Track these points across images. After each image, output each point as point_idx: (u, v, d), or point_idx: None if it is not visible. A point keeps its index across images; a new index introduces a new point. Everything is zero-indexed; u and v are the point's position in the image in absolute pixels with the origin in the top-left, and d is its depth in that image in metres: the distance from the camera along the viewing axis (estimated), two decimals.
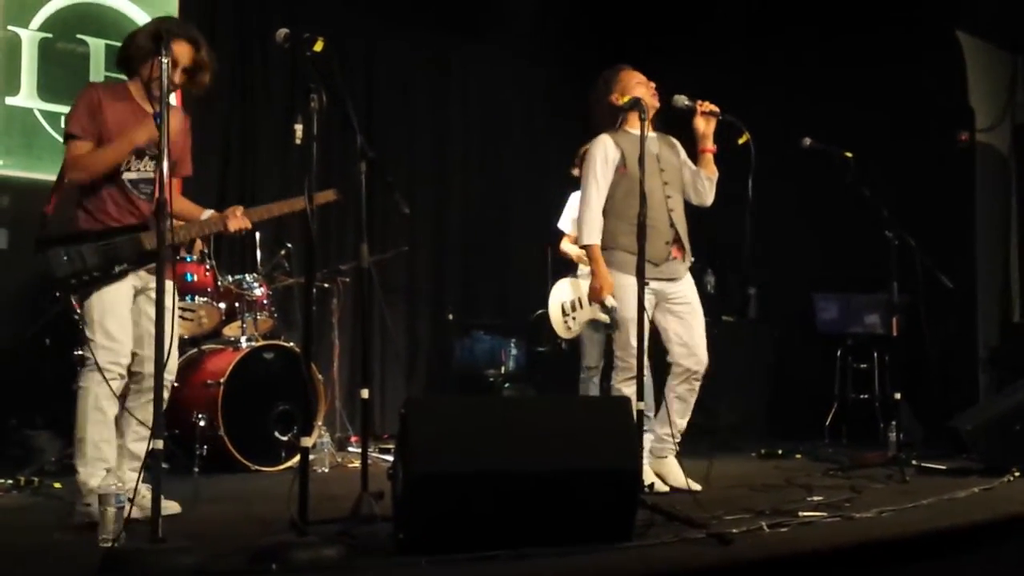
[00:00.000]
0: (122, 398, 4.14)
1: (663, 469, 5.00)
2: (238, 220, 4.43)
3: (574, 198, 6.46)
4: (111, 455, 4.05)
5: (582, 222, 4.99)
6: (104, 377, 3.99)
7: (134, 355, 4.14)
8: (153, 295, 4.12)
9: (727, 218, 5.20)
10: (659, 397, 5.12)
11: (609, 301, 4.87)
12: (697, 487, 4.79)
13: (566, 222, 6.44)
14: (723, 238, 6.07)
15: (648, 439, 4.97)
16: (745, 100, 5.83)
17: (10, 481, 4.77)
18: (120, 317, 4.10)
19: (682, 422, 5.01)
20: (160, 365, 3.35)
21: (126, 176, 4.20)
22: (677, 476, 4.95)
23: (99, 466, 3.99)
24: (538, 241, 7.41)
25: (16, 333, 5.75)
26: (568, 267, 6.37)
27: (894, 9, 7.53)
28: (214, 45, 7.05)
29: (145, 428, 4.05)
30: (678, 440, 5.00)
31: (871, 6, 7.58)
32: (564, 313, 6.25)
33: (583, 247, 5.04)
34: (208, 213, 4.42)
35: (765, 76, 7.99)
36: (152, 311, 3.88)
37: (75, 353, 4.22)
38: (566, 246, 6.39)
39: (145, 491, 3.68)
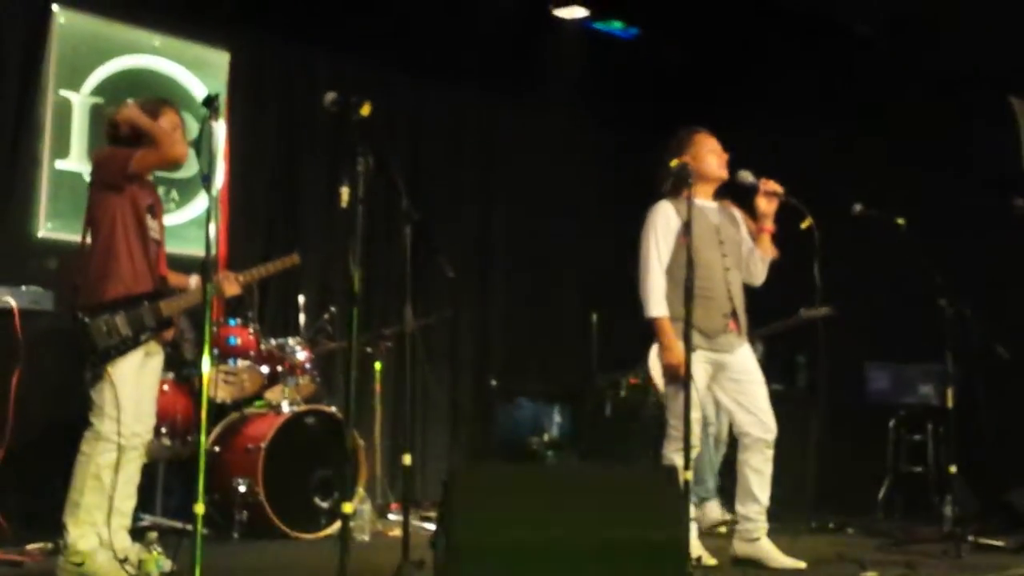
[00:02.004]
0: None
1: (759, 552, 4.78)
2: (232, 286, 4.65)
3: None
4: (101, 520, 4.21)
5: (645, 292, 4.84)
6: (110, 446, 4.18)
7: None
8: (154, 363, 4.37)
9: (776, 284, 5.13)
10: (734, 476, 4.96)
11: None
12: (802, 564, 4.65)
13: None
14: (774, 304, 5.98)
15: (704, 509, 4.84)
16: (792, 162, 5.81)
17: (50, 545, 4.74)
18: (130, 388, 4.28)
19: (764, 496, 4.83)
20: (205, 428, 3.35)
21: (152, 235, 4.36)
22: (776, 557, 4.74)
23: (89, 530, 4.18)
24: (583, 306, 7.35)
25: (61, 395, 5.75)
26: None
27: (946, 74, 7.47)
28: (262, 108, 7.24)
29: (131, 486, 4.34)
30: (763, 518, 4.82)
31: (924, 72, 7.53)
32: None
33: (649, 319, 4.84)
34: (195, 279, 4.54)
35: (814, 140, 7.93)
36: (152, 379, 4.40)
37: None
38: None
39: (133, 551, 4.10)
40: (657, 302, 4.81)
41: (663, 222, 4.89)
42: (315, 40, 7.37)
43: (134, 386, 4.31)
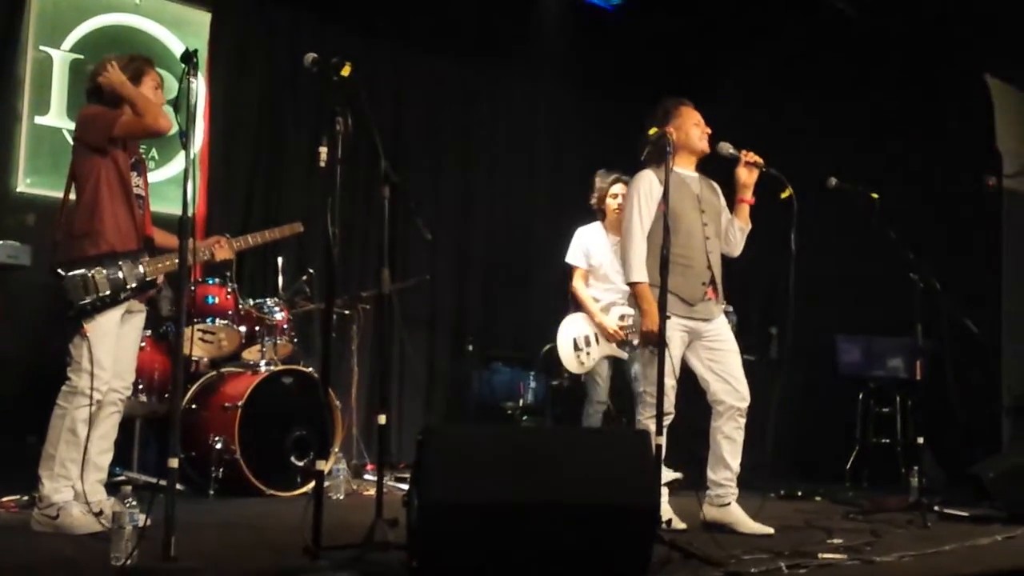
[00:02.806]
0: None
1: (728, 517, 4.82)
2: (224, 250, 4.73)
3: (582, 233, 6.50)
4: (75, 474, 4.26)
5: (627, 259, 4.91)
6: (85, 401, 4.20)
7: None
8: (135, 320, 4.41)
9: (752, 257, 5.18)
10: (706, 442, 5.00)
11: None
12: (770, 530, 4.70)
13: (577, 256, 6.46)
14: (746, 277, 6.04)
15: (667, 474, 4.91)
16: (770, 137, 5.85)
17: (25, 498, 4.76)
18: (108, 344, 4.30)
19: (735, 463, 4.89)
20: (178, 387, 3.37)
21: (136, 191, 4.39)
22: (745, 522, 4.79)
23: (63, 483, 4.22)
24: (560, 273, 7.38)
25: (38, 350, 5.77)
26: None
27: (923, 52, 7.51)
28: (244, 70, 7.22)
29: (107, 441, 4.39)
30: (734, 484, 4.88)
31: (900, 49, 7.56)
32: (576, 348, 6.25)
33: (629, 284, 4.93)
34: None
35: (791, 115, 7.98)
36: (133, 336, 4.44)
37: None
38: (578, 285, 6.41)
39: (108, 505, 4.14)
40: (638, 268, 4.87)
41: (645, 190, 4.93)
42: (297, 2, 7.34)
43: (112, 342, 4.33)
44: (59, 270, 4.23)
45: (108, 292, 4.26)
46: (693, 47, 8.28)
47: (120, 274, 4.30)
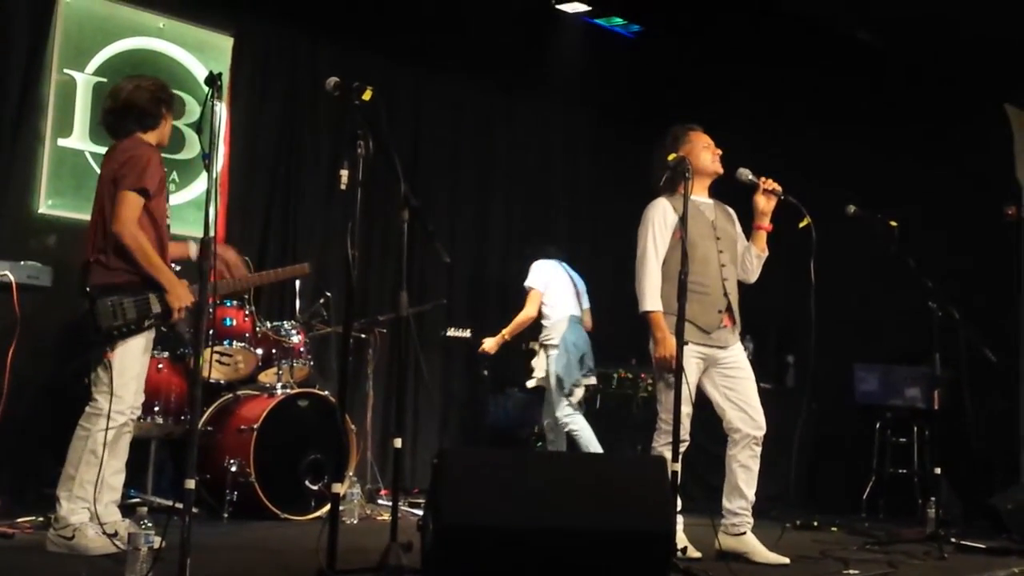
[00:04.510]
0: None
1: (744, 547, 4.80)
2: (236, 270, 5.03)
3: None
4: (92, 495, 4.26)
5: (642, 287, 4.89)
6: (107, 424, 4.22)
7: None
8: (149, 342, 4.46)
9: (767, 284, 5.17)
10: (720, 472, 4.99)
11: None
12: (785, 560, 4.69)
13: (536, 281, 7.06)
14: (763, 304, 6.03)
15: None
16: (788, 163, 5.85)
17: (41, 518, 4.77)
18: (134, 370, 4.35)
19: (750, 492, 4.87)
20: (196, 409, 3.39)
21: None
22: (761, 552, 4.78)
23: (81, 504, 4.24)
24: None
25: (57, 371, 5.79)
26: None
27: (942, 81, 7.51)
28: (266, 94, 7.27)
29: (120, 462, 4.39)
30: (749, 514, 4.86)
31: (920, 77, 7.57)
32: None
33: (643, 313, 4.89)
34: (193, 247, 4.70)
35: (811, 142, 7.97)
36: (146, 358, 4.46)
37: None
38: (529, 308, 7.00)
39: (122, 526, 4.18)
40: (651, 297, 4.85)
41: (660, 217, 4.93)
42: (318, 27, 7.39)
43: (137, 368, 4.37)
44: (91, 292, 4.27)
45: (134, 318, 4.31)
46: (711, 74, 8.30)
47: (147, 302, 4.34)
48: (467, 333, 7.46)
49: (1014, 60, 7.05)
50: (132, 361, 4.33)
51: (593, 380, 6.98)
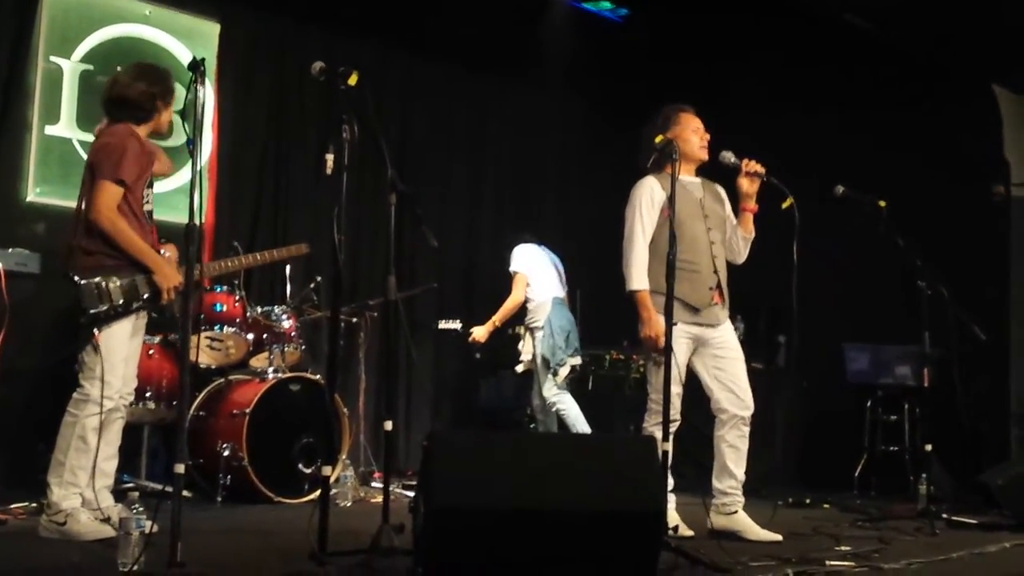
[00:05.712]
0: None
1: (736, 525, 4.82)
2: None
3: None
4: (84, 481, 4.28)
5: (629, 266, 4.89)
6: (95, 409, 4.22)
7: None
8: (140, 327, 4.51)
9: (757, 265, 5.18)
10: (711, 451, 5.00)
11: None
12: (778, 537, 4.70)
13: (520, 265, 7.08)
14: (753, 285, 6.04)
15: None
16: (777, 145, 5.85)
17: (34, 504, 4.78)
18: (121, 354, 4.34)
19: (740, 471, 4.89)
20: (184, 394, 3.39)
21: (146, 208, 4.46)
22: (753, 529, 4.79)
23: (72, 490, 4.24)
24: (569, 282, 7.40)
25: (46, 358, 5.79)
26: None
27: (931, 61, 7.51)
28: (253, 80, 7.25)
29: (113, 447, 4.41)
30: (739, 492, 4.88)
31: (908, 58, 7.56)
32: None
33: (630, 292, 4.89)
34: (171, 251, 4.67)
35: (799, 124, 7.97)
36: (137, 343, 4.51)
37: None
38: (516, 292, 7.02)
39: (115, 511, 4.18)
40: (639, 276, 4.86)
41: (647, 197, 4.93)
42: (306, 12, 7.37)
43: (125, 352, 4.36)
44: (75, 276, 4.25)
45: (121, 302, 4.28)
46: (699, 57, 8.28)
47: (134, 285, 4.32)
48: (457, 325, 7.45)
49: (1003, 41, 7.05)
50: (118, 345, 4.30)
51: (579, 360, 6.97)
